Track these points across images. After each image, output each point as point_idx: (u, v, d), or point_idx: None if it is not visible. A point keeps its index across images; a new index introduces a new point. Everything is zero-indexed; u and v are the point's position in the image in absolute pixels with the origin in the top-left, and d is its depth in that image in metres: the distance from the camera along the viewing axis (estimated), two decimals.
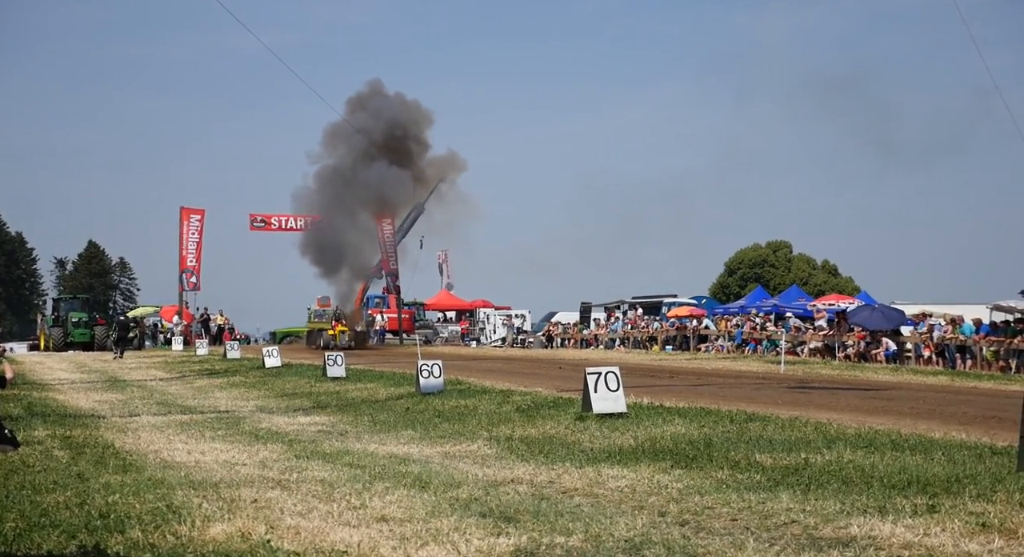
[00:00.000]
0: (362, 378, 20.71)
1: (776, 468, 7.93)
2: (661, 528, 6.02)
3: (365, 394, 17.04)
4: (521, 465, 8.58)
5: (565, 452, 9.29)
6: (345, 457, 9.31)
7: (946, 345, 25.81)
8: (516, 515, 6.41)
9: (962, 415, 12.43)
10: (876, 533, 5.68)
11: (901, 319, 28.08)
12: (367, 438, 11.03)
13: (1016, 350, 23.20)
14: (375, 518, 6.44)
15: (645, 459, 8.65)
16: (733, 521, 6.16)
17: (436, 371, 16.41)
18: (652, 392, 15.55)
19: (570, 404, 13.29)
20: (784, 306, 36.82)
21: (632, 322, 42.18)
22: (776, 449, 8.86)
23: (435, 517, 6.41)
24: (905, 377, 21.11)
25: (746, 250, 72.95)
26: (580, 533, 5.90)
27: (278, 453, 9.75)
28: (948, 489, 6.81)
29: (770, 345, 32.11)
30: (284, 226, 51.87)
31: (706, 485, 7.34)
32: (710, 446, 9.20)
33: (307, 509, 6.74)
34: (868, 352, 27.78)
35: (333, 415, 13.87)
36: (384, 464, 8.75)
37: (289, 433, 11.65)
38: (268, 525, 6.20)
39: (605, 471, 8.08)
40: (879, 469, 7.63)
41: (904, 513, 6.13)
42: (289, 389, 18.89)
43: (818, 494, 6.80)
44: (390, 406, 14.79)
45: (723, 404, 13.29)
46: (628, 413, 11.84)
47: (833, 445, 8.98)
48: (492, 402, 14.41)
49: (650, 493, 7.13)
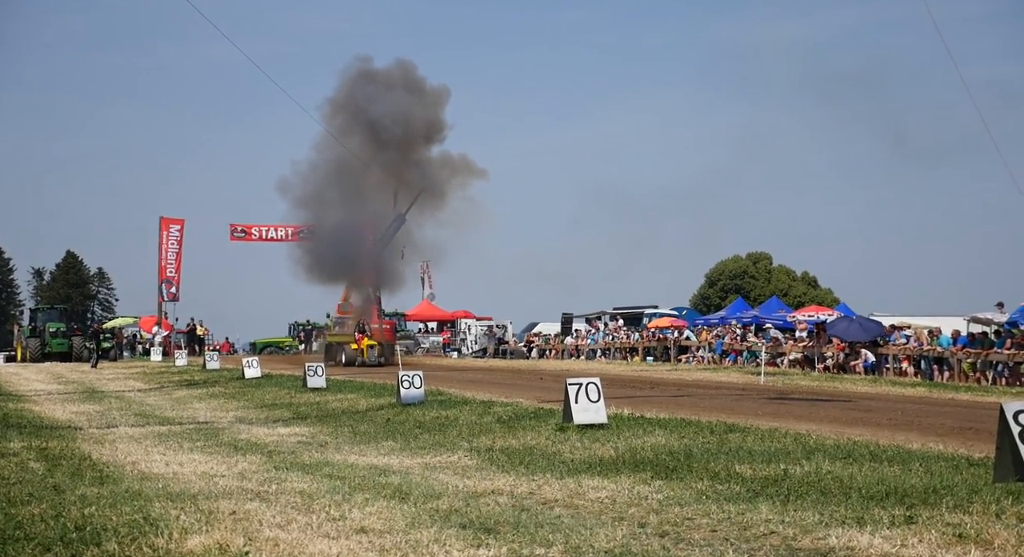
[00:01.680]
0: (343, 389, 20.64)
1: (756, 479, 7.96)
2: (641, 539, 6.03)
3: (345, 405, 16.98)
4: (501, 476, 8.57)
5: (546, 463, 9.29)
6: (325, 468, 9.27)
7: (924, 357, 26.00)
8: (496, 526, 6.40)
9: (939, 426, 12.52)
10: (854, 544, 5.71)
11: (879, 331, 28.26)
12: (347, 449, 10.98)
13: (992, 362, 23.39)
14: (355, 530, 6.41)
15: (625, 470, 8.66)
16: (713, 532, 6.18)
17: (417, 382, 16.38)
18: (633, 403, 15.57)
19: (551, 415, 13.30)
20: (764, 318, 36.99)
21: (613, 332, 42.26)
22: (756, 460, 8.89)
23: (415, 528, 6.38)
24: (883, 388, 21.24)
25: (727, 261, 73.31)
26: (560, 544, 5.90)
27: (257, 464, 9.69)
28: (925, 500, 6.85)
29: (750, 356, 32.24)
30: (265, 236, 51.71)
31: (686, 496, 7.36)
32: (690, 457, 9.22)
33: (286, 521, 6.70)
34: (847, 363, 27.94)
35: (313, 426, 13.81)
36: (364, 475, 8.72)
37: (268, 444, 11.58)
38: (247, 537, 6.16)
39: (585, 482, 8.08)
40: (857, 480, 7.67)
41: (882, 524, 6.16)
42: (269, 400, 18.80)
43: (797, 505, 6.83)
44: (371, 417, 14.74)
45: (703, 415, 13.32)
46: (609, 424, 11.85)
47: (812, 456, 9.02)
48: (473, 413, 14.39)
49: (630, 504, 7.13)
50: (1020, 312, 23.38)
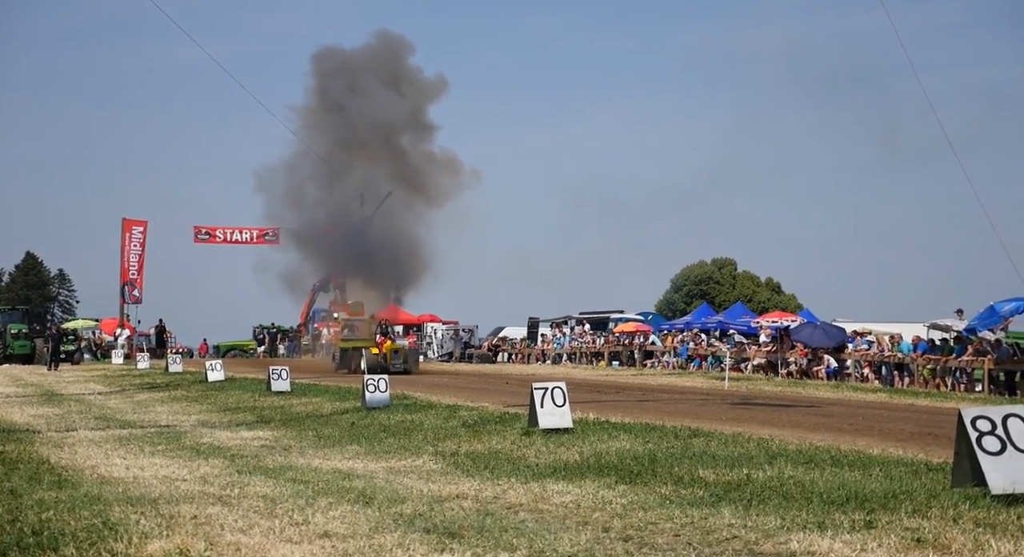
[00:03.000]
0: (307, 392, 20.51)
1: (719, 484, 8.01)
2: (605, 544, 6.05)
3: (310, 408, 16.87)
4: (466, 480, 8.56)
5: (511, 467, 9.29)
6: (288, 472, 9.21)
7: (885, 363, 26.33)
8: (460, 531, 6.39)
9: (899, 432, 12.68)
10: (815, 548, 5.76)
11: (842, 336, 28.58)
12: (311, 453, 10.91)
13: (951, 368, 23.74)
14: (318, 534, 6.37)
15: (590, 474, 8.69)
16: (676, 536, 6.21)
17: (382, 385, 16.32)
18: (598, 407, 15.62)
19: (516, 419, 13.30)
20: (728, 323, 37.27)
21: (579, 337, 42.37)
22: (719, 465, 8.95)
23: (379, 533, 6.36)
24: (845, 394, 21.48)
25: (692, 267, 73.82)
26: (524, 549, 5.90)
27: (219, 468, 9.60)
28: (885, 505, 6.93)
29: (715, 361, 32.47)
30: (229, 239, 51.33)
31: (650, 500, 7.39)
32: (654, 461, 9.26)
33: (248, 525, 6.65)
34: (810, 369, 28.23)
35: (277, 430, 13.71)
36: (328, 479, 8.67)
37: (231, 448, 11.48)
38: (208, 542, 6.10)
39: (550, 486, 8.09)
40: (819, 485, 7.75)
41: (842, 528, 6.23)
42: (232, 403, 18.63)
43: (759, 509, 6.89)
44: (335, 421, 14.66)
45: (668, 420, 13.39)
46: (574, 428, 11.87)
47: (775, 461, 9.10)
48: (438, 417, 14.36)
49: (594, 508, 7.15)
50: (978, 319, 23.74)
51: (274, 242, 51.97)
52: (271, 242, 51.82)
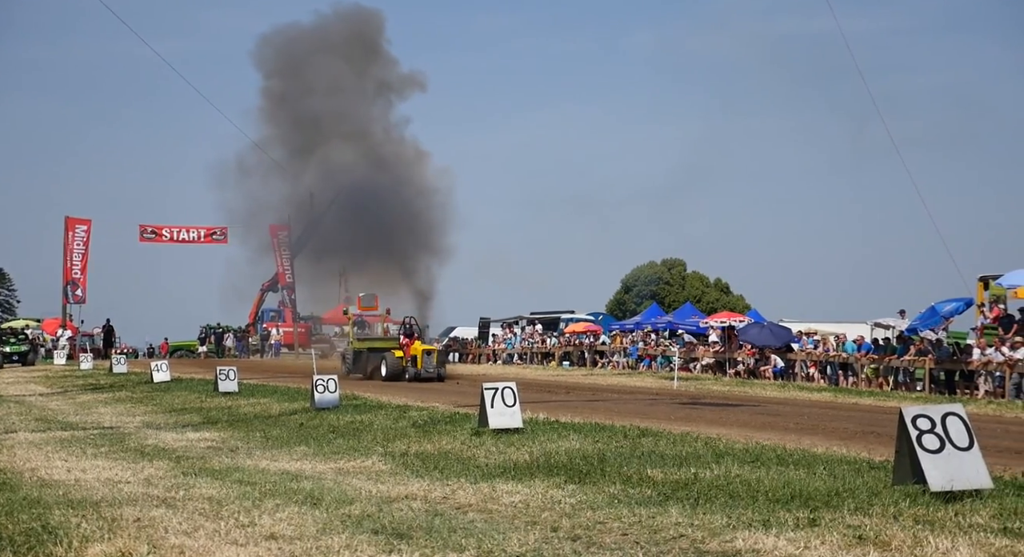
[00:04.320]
0: (255, 393, 20.29)
1: (667, 483, 8.08)
2: (553, 543, 6.07)
3: (258, 409, 16.70)
4: (416, 481, 8.54)
5: (460, 468, 9.28)
6: (235, 474, 9.10)
7: (830, 362, 26.76)
8: (409, 532, 6.37)
9: (843, 431, 12.90)
10: (760, 546, 5.84)
11: (789, 336, 28.98)
12: (258, 454, 10.80)
13: (893, 368, 24.20)
14: (264, 536, 6.31)
15: (540, 474, 8.71)
16: (624, 535, 6.25)
17: (331, 386, 16.20)
18: (548, 407, 15.66)
19: (466, 419, 13.29)
20: (678, 323, 37.59)
21: (530, 337, 42.46)
22: (667, 464, 9.03)
23: (326, 534, 6.32)
24: (791, 393, 21.79)
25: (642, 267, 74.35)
26: (472, 549, 5.90)
27: (164, 470, 9.47)
28: (828, 503, 7.05)
29: (664, 361, 32.74)
30: (176, 238, 50.59)
31: (598, 500, 7.43)
32: (603, 461, 9.32)
33: (193, 527, 6.56)
34: (757, 369, 28.59)
35: (224, 431, 13.55)
36: (275, 481, 8.59)
37: (177, 449, 11.33)
38: (151, 545, 6.01)
39: (500, 486, 8.10)
40: (764, 483, 7.85)
41: (787, 526, 6.32)
42: (178, 404, 18.38)
43: (706, 508, 6.96)
44: (283, 421, 14.54)
45: (617, 419, 13.48)
46: (524, 428, 11.90)
47: (722, 460, 9.20)
48: (388, 417, 14.31)
49: (543, 508, 7.18)
50: (920, 319, 24.24)
51: (222, 241, 51.37)
52: (219, 241, 51.20)
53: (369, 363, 27.34)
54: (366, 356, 27.66)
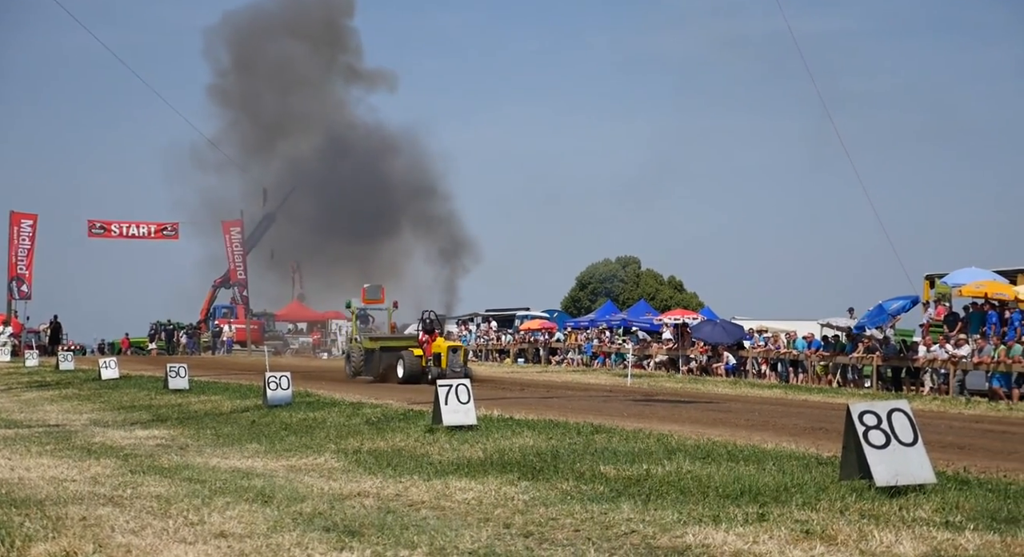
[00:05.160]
0: (206, 390, 20.07)
1: (619, 479, 8.14)
2: (505, 540, 6.08)
3: (209, 406, 16.52)
4: (368, 478, 8.51)
5: (414, 465, 9.26)
6: (184, 472, 9.00)
7: (780, 360, 27.13)
8: (361, 529, 6.35)
9: (793, 427, 13.08)
10: (710, 541, 5.91)
11: (741, 334, 29.32)
12: (209, 452, 10.69)
13: (842, 365, 24.60)
14: (213, 534, 6.24)
15: (493, 471, 8.73)
16: (576, 532, 6.29)
17: (284, 383, 16.07)
18: (502, 404, 15.69)
19: (420, 416, 13.27)
20: (632, 320, 37.86)
21: (485, 334, 42.48)
22: (620, 460, 9.09)
23: (277, 532, 6.27)
24: (743, 390, 22.06)
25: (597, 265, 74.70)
26: (425, 546, 5.89)
27: (112, 468, 9.32)
28: (777, 498, 7.15)
29: (618, 358, 32.95)
30: (125, 233, 49.81)
31: (551, 496, 7.46)
32: (557, 458, 9.35)
33: (140, 526, 6.47)
34: (710, 366, 28.88)
35: (173, 428, 13.38)
36: (226, 478, 8.50)
37: (125, 447, 11.16)
38: (96, 544, 5.91)
39: (453, 483, 8.10)
40: (715, 479, 7.94)
41: (736, 521, 6.39)
42: (127, 402, 18.11)
43: (657, 504, 7.02)
44: (235, 419, 14.39)
45: (571, 416, 13.54)
46: (478, 425, 11.90)
47: (673, 456, 9.28)
48: (341, 414, 14.23)
49: (496, 505, 7.19)
50: (868, 317, 24.65)
51: (173, 237, 50.71)
52: (170, 237, 50.53)
53: (382, 363, 24.33)
54: (378, 356, 24.58)
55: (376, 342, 25.08)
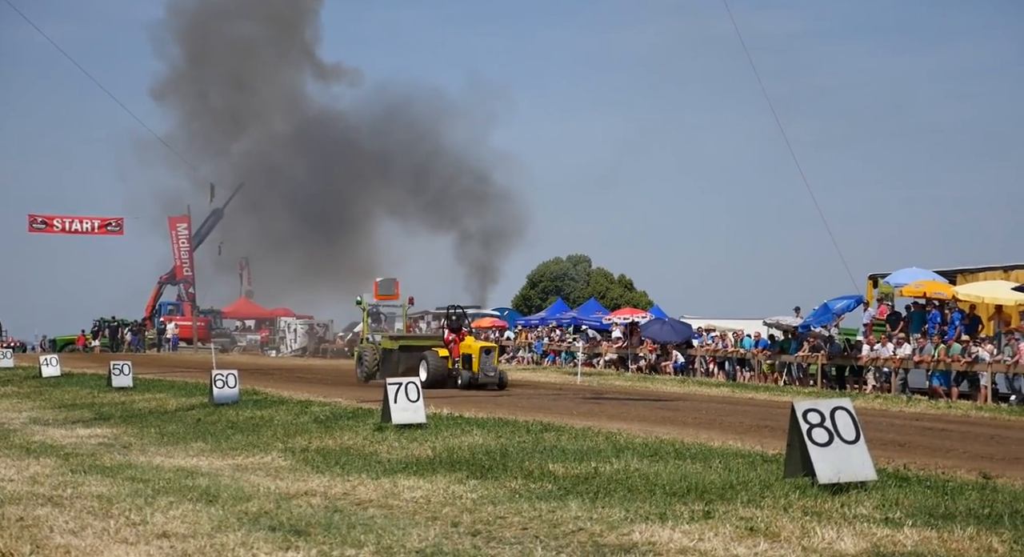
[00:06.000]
0: (151, 388, 19.76)
1: (567, 477, 8.17)
2: (453, 538, 6.07)
3: (153, 405, 16.28)
4: (316, 477, 8.44)
5: (362, 463, 9.21)
6: (127, 471, 8.85)
7: (728, 358, 27.44)
8: (307, 528, 6.29)
9: (739, 425, 13.24)
10: (656, 539, 5.95)
11: (689, 332, 29.59)
12: (152, 451, 10.53)
13: (787, 363, 24.96)
14: (156, 534, 6.15)
15: (442, 469, 8.71)
16: (524, 530, 6.30)
17: (231, 381, 15.89)
18: (452, 403, 15.67)
19: (369, 415, 13.20)
20: (582, 319, 38.00)
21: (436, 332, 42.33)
22: (568, 459, 9.13)
23: (221, 532, 6.19)
24: (691, 388, 22.26)
25: (548, 263, 74.91)
26: (372, 545, 5.86)
27: (51, 468, 9.14)
28: (723, 495, 7.23)
29: (568, 357, 33.07)
30: (68, 228, 48.84)
31: (500, 495, 7.47)
32: (506, 456, 9.37)
33: (80, 526, 6.35)
34: (658, 364, 29.12)
35: (116, 427, 13.15)
36: (169, 478, 8.38)
37: (65, 446, 10.94)
38: (34, 544, 5.79)
39: (401, 482, 8.07)
40: (662, 477, 8.01)
41: (682, 519, 6.45)
42: (68, 400, 17.77)
43: (605, 502, 7.06)
44: (180, 417, 14.20)
45: (521, 414, 13.56)
46: (428, 424, 11.88)
47: (622, 454, 9.35)
48: (289, 413, 14.11)
49: (445, 503, 7.18)
50: (813, 316, 25.03)
51: (118, 232, 49.84)
52: (115, 232, 49.66)
53: (402, 365, 21.79)
54: (397, 357, 22.26)
55: (396, 341, 22.92)
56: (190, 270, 49.84)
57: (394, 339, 23.21)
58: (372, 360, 23.03)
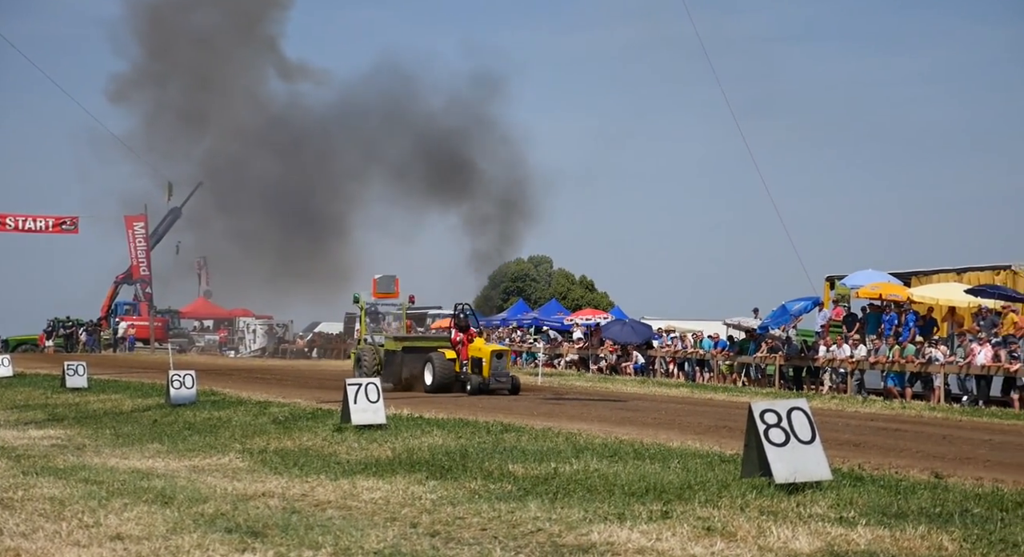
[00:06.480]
0: (106, 389, 19.50)
1: (527, 478, 8.18)
2: (412, 539, 6.05)
3: (109, 405, 16.06)
4: (274, 478, 8.38)
5: (321, 464, 9.16)
6: (81, 472, 8.72)
7: (687, 359, 27.64)
8: (264, 530, 6.24)
9: (698, 425, 13.34)
10: (614, 539, 5.98)
11: (649, 333, 29.77)
12: (107, 452, 10.39)
13: (746, 364, 25.20)
14: (109, 537, 6.06)
15: (401, 470, 8.69)
16: (483, 530, 6.30)
17: (188, 381, 15.73)
18: (412, 403, 15.63)
19: (329, 415, 13.13)
20: (543, 320, 38.07)
21: None
22: (528, 459, 9.14)
23: (176, 534, 6.12)
24: (651, 389, 22.39)
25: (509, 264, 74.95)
26: (329, 546, 5.83)
27: (2, 469, 9.00)
28: (681, 495, 7.28)
29: (529, 357, 33.12)
30: (21, 227, 47.96)
31: (459, 495, 7.46)
32: (466, 457, 9.36)
33: (32, 529, 6.25)
34: (619, 365, 29.26)
35: (70, 428, 12.97)
36: (124, 479, 8.27)
37: (17, 448, 10.77)
38: None
39: (360, 483, 8.03)
40: (621, 477, 8.05)
41: (640, 519, 6.49)
42: (21, 401, 17.48)
43: (564, 502, 7.08)
44: (136, 418, 14.03)
45: (481, 415, 13.56)
46: (387, 425, 11.84)
47: (581, 455, 9.38)
48: (248, 414, 13.99)
49: (404, 504, 7.16)
50: (771, 317, 25.29)
51: (72, 231, 49.04)
52: (69, 231, 48.85)
53: (405, 368, 20.45)
54: (400, 359, 20.71)
55: (399, 342, 21.28)
56: (147, 269, 49.15)
57: (398, 340, 21.68)
58: (372, 362, 21.55)
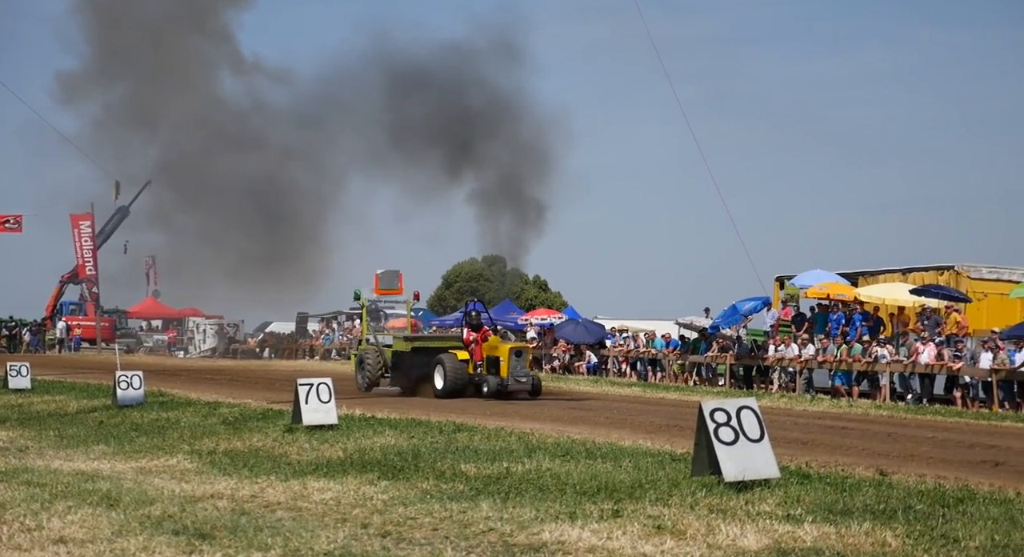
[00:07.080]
0: (50, 390, 19.14)
1: (479, 477, 8.18)
2: (363, 540, 6.02)
3: (53, 407, 15.76)
4: (223, 480, 8.28)
5: (271, 465, 9.08)
6: (23, 475, 8.54)
7: (640, 358, 27.82)
8: (212, 532, 6.17)
9: (649, 424, 13.44)
10: (565, 538, 6.01)
11: (602, 333, 29.91)
12: (51, 454, 10.19)
13: (697, 363, 25.45)
14: (52, 540, 5.95)
15: (353, 471, 8.64)
16: (434, 530, 6.29)
17: (136, 382, 15.51)
18: (365, 403, 15.54)
19: (280, 416, 13.01)
20: (497, 320, 38.03)
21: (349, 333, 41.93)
22: (481, 459, 9.14)
23: (122, 536, 6.03)
24: (604, 388, 22.51)
25: (463, 264, 74.90)
26: (279, 548, 5.78)
27: None
28: (632, 494, 7.33)
29: None
30: None
31: (411, 496, 7.44)
32: (418, 457, 9.34)
33: None
34: (572, 364, 29.36)
35: (12, 430, 12.70)
36: (68, 482, 8.12)
37: None
38: None
39: (311, 484, 7.97)
40: (573, 477, 8.08)
41: (591, 518, 6.52)
42: None
43: (516, 502, 7.09)
44: (81, 420, 13.79)
45: (434, 415, 13.52)
46: (339, 425, 11.76)
47: (534, 454, 9.40)
48: (197, 414, 13.82)
49: (355, 505, 7.12)
50: (722, 317, 25.56)
51: (16, 230, 48.01)
52: (12, 230, 47.82)
53: (415, 370, 19.04)
54: (409, 360, 19.18)
55: (409, 343, 19.64)
56: (93, 269, 48.30)
57: (407, 340, 19.97)
58: (376, 365, 19.75)
